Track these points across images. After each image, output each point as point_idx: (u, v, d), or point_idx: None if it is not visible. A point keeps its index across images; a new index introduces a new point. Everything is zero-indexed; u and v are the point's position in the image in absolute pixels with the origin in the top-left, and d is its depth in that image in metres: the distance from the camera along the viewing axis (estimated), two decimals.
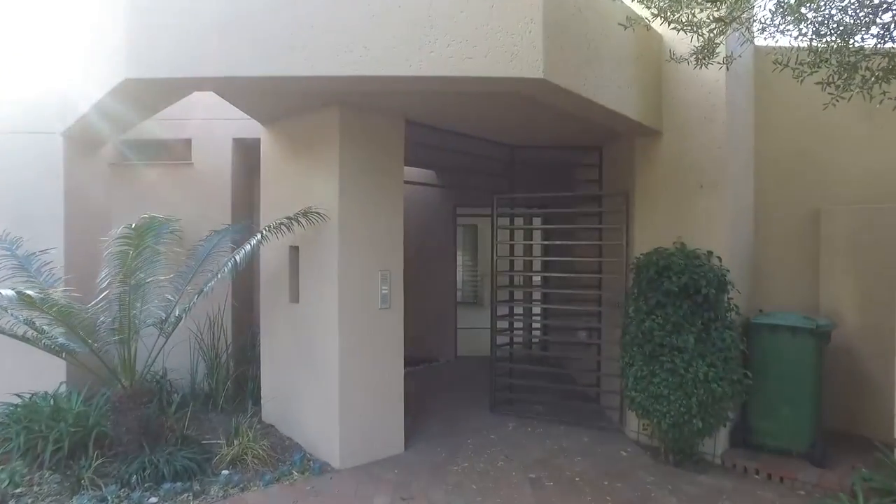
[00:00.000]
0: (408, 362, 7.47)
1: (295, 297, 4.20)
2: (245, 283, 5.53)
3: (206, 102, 5.19)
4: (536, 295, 6.85)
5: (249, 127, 4.85)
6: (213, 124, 5.32)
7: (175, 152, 5.47)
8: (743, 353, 3.92)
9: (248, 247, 3.59)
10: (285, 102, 3.98)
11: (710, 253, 4.09)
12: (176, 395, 4.60)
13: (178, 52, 2.89)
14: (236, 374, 5.08)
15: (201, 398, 4.85)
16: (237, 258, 3.58)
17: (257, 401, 4.69)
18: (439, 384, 6.38)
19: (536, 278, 8.08)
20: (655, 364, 3.82)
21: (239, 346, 5.23)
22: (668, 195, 4.41)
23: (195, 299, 3.82)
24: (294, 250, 4.20)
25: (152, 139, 5.34)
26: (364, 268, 3.94)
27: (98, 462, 3.38)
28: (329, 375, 3.86)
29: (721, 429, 3.93)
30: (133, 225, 2.94)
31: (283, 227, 3.76)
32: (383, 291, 4.05)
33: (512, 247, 5.65)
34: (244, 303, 5.57)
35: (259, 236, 3.60)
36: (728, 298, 3.93)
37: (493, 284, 5.28)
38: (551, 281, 7.08)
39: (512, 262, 5.71)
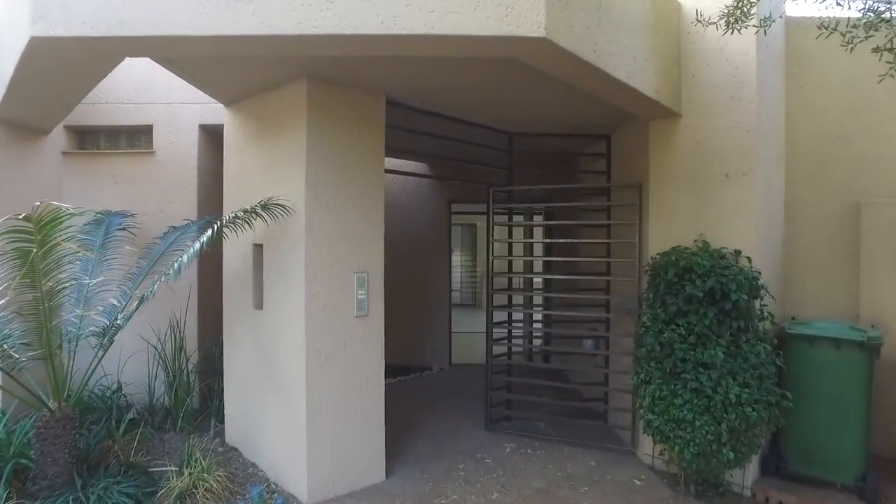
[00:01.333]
0: (397, 371, 6.95)
1: (259, 303, 3.65)
2: (215, 285, 4.99)
3: (169, 84, 4.67)
4: (537, 299, 6.29)
5: (219, 112, 4.30)
6: (177, 109, 4.77)
7: (136, 140, 4.93)
8: (778, 370, 3.37)
9: (196, 245, 3.04)
10: (245, 76, 3.44)
11: (737, 252, 3.55)
12: (129, 413, 4.06)
13: (98, 5, 2.35)
14: (202, 388, 4.55)
15: (160, 415, 4.31)
16: (184, 258, 3.04)
17: (223, 419, 4.15)
18: (430, 396, 5.82)
19: (537, 280, 7.55)
20: (677, 383, 3.27)
21: (206, 355, 4.69)
22: (688, 187, 3.85)
23: (137, 306, 3.28)
24: (258, 249, 3.66)
25: (110, 125, 4.80)
26: (336, 269, 3.40)
27: (13, 502, 2.83)
28: (295, 393, 3.32)
29: (752, 456, 3.37)
30: (30, 216, 2.38)
31: (239, 221, 3.22)
32: (360, 296, 3.50)
33: (510, 245, 5.10)
34: (213, 307, 5.02)
35: (210, 233, 3.05)
36: (761, 305, 3.38)
37: (488, 287, 4.73)
38: (553, 284, 6.53)
39: (510, 263, 5.16)
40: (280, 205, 3.25)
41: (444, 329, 7.09)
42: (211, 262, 4.29)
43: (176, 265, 3.05)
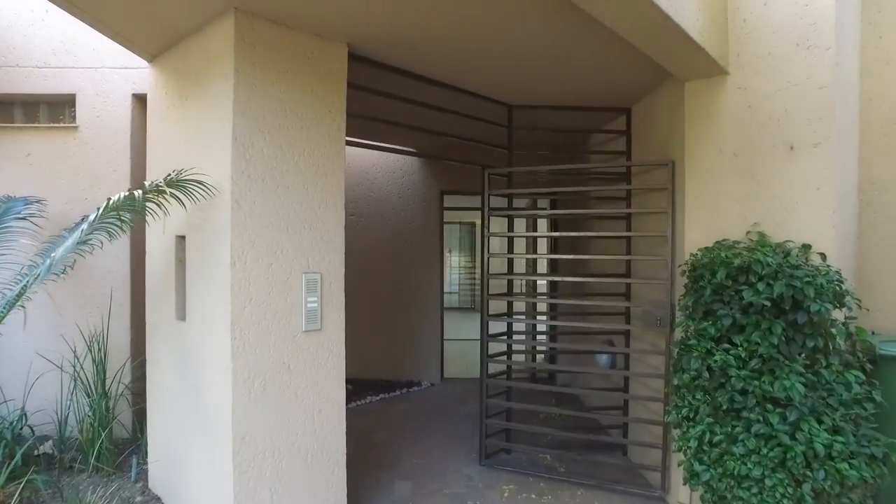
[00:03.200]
0: (379, 388, 5.96)
1: (182, 313, 2.80)
2: None
3: (94, 45, 3.84)
4: (541, 306, 5.43)
5: None
6: (106, 75, 3.94)
7: (59, 113, 4.09)
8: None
9: (70, 238, 2.20)
10: (160, 15, 2.59)
11: (806, 247, 2.70)
12: (43, 447, 3.22)
13: None
14: (136, 413, 3.70)
15: (72, 452, 3.46)
16: (55, 255, 2.20)
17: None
18: (415, 419, 4.96)
19: (542, 283, 6.69)
20: (736, 424, 2.41)
21: (138, 376, 3.84)
22: (738, 164, 3.01)
23: (6, 311, 2.44)
24: (180, 242, 2.81)
25: (24, 94, 3.96)
26: (277, 269, 2.55)
27: None
28: (220, 434, 2.47)
29: None
30: None
31: (137, 204, 2.36)
32: (310, 305, 2.65)
33: (510, 241, 4.24)
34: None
35: (92, 218, 2.21)
36: (847, 317, 2.53)
37: (483, 293, 3.88)
38: (561, 287, 5.68)
39: (510, 262, 4.30)
40: (195, 181, 2.41)
41: (434, 338, 6.24)
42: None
43: (47, 262, 2.20)
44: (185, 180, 2.39)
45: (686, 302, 2.89)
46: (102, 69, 3.92)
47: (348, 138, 3.12)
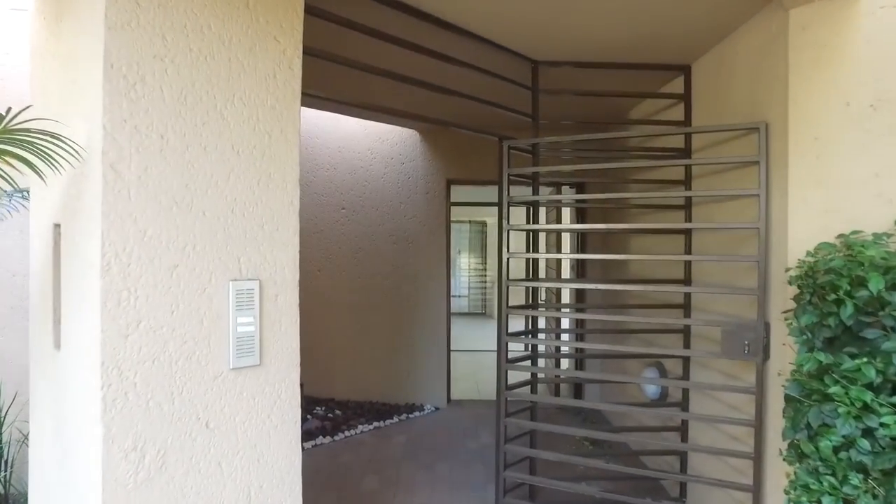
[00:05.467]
0: (373, 414, 4.86)
1: (57, 338, 1.91)
2: None
3: None
4: (568, 320, 4.50)
5: None
6: None
7: None
8: None
9: None
10: None
11: None
12: None
13: None
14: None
15: None
16: None
17: None
18: (415, 458, 4.04)
19: (562, 289, 5.74)
20: None
21: None
22: (878, 120, 2.07)
23: None
24: (56, 233, 1.91)
25: None
26: (186, 276, 1.65)
27: None
28: None
29: None
30: None
31: None
32: (242, 328, 1.75)
33: (533, 237, 3.32)
34: None
35: None
36: None
37: (500, 304, 2.94)
38: (588, 298, 4.74)
39: (533, 265, 3.37)
40: (43, 133, 1.51)
41: (440, 353, 5.32)
42: None
43: None
44: (19, 131, 1.49)
45: (801, 322, 1.95)
46: None
47: (318, 94, 2.23)
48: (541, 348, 3.49)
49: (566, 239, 5.92)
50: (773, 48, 2.39)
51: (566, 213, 5.83)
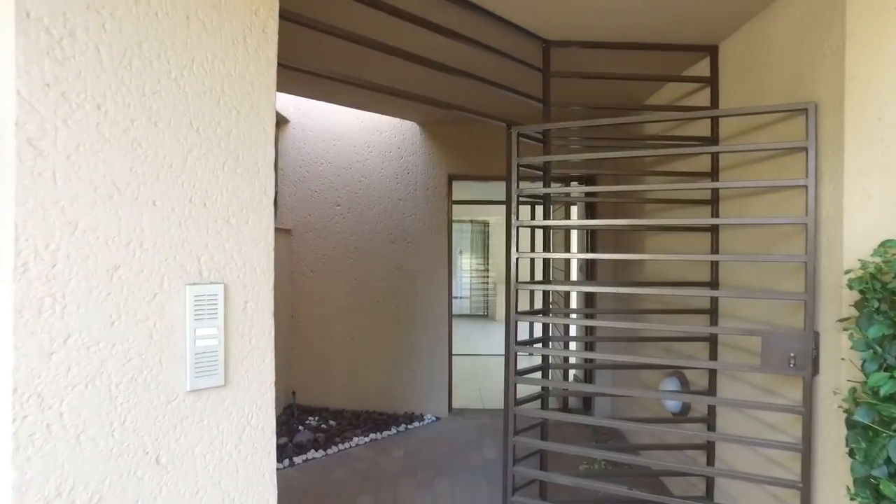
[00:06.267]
0: (369, 426, 4.50)
1: None
2: None
3: None
4: (582, 325, 4.19)
5: None
6: None
7: None
8: None
9: None
10: None
11: None
12: None
13: None
14: None
15: None
16: None
17: None
18: (415, 475, 3.74)
19: (576, 291, 5.43)
20: None
21: None
22: None
23: None
24: None
25: None
26: (131, 279, 1.35)
27: None
28: None
29: None
30: None
31: None
32: (202, 342, 1.45)
33: (544, 236, 3.01)
34: None
35: None
36: None
37: (508, 310, 2.63)
38: (599, 302, 4.44)
39: (544, 266, 3.06)
40: None
41: (441, 358, 5.02)
42: None
43: None
44: None
45: (867, 333, 1.65)
46: None
47: (301, 66, 1.94)
48: (552, 357, 3.19)
49: (572, 238, 5.61)
50: (824, 17, 2.09)
51: (573, 212, 5.54)
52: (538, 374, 2.94)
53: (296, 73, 2.24)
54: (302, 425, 4.50)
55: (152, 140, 1.38)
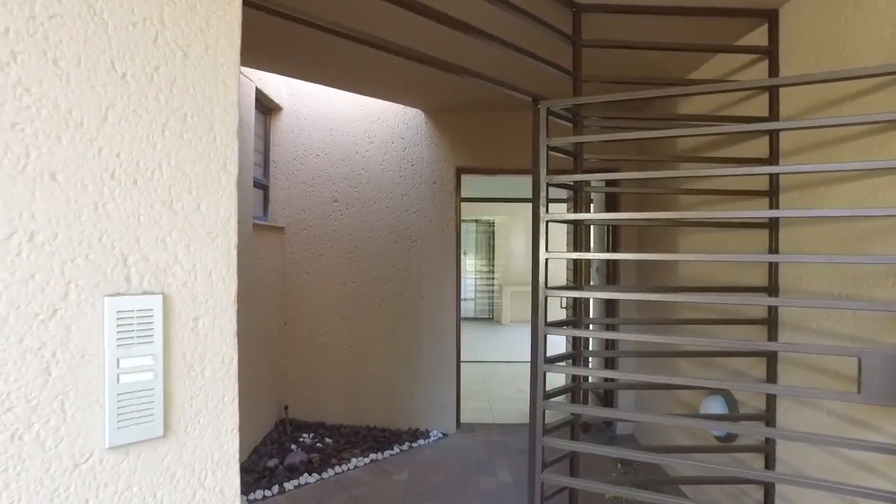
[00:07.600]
0: (370, 444, 4.01)
1: None
2: None
3: None
4: (618, 337, 3.75)
5: None
6: None
7: None
8: None
9: None
10: None
11: None
12: None
13: None
14: None
15: None
16: None
17: None
18: (419, 497, 3.31)
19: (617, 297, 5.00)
20: None
21: None
22: None
23: None
24: None
25: None
26: (15, 285, 0.91)
27: None
28: None
29: None
30: None
31: None
32: (128, 376, 1.01)
33: (576, 232, 2.58)
34: None
35: None
36: None
37: (536, 322, 2.19)
38: (622, 310, 4.00)
39: (574, 268, 2.62)
40: None
41: (448, 369, 4.59)
42: None
43: None
44: None
45: None
46: None
47: (280, 7, 1.52)
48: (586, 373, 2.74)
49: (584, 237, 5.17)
50: None
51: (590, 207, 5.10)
52: (564, 394, 2.51)
53: (285, 50, 1.81)
54: (295, 444, 4.06)
55: (49, 86, 0.95)
